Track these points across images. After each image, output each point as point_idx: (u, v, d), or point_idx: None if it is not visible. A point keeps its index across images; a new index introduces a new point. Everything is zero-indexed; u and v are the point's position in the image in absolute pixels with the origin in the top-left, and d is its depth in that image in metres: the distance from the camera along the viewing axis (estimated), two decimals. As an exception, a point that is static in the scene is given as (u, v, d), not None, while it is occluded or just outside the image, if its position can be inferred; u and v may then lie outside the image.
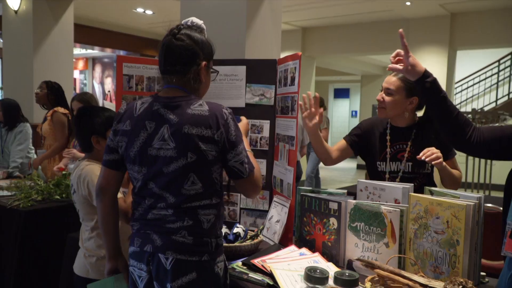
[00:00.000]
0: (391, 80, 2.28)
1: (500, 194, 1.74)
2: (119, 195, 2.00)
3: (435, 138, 2.29)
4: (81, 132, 2.21)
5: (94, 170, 2.09)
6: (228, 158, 1.65)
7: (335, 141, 17.97)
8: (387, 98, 2.29)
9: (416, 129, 2.34)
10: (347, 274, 1.69)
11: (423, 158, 2.08)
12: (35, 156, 4.61)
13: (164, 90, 1.70)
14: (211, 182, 1.65)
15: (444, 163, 2.13)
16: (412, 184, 2.09)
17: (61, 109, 4.30)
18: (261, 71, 2.63)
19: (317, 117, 2.23)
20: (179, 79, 1.67)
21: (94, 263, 2.13)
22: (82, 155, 2.45)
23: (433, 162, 2.09)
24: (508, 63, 10.90)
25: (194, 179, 1.60)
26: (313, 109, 2.23)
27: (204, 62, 1.69)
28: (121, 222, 1.90)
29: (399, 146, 2.35)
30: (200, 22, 1.73)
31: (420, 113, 2.42)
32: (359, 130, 2.48)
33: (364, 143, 2.45)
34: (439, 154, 2.09)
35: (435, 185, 2.27)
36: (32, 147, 4.67)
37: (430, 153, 2.08)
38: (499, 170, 8.32)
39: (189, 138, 1.58)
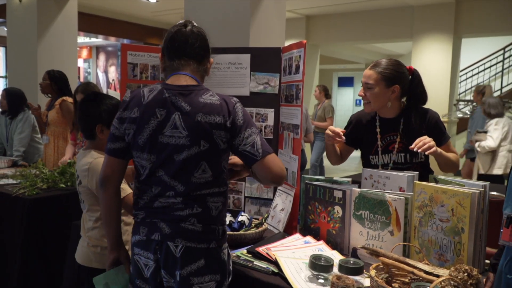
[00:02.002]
0: (368, 74, 2.26)
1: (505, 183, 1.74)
2: (129, 190, 2.00)
3: (420, 124, 2.26)
4: (86, 119, 2.15)
5: (100, 164, 2.02)
6: (237, 143, 1.63)
7: (339, 129, 17.84)
8: (368, 93, 2.26)
9: (404, 118, 2.30)
10: (351, 262, 1.70)
11: (415, 149, 2.05)
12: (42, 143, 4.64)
13: (172, 78, 1.68)
14: (220, 170, 1.66)
15: (439, 149, 2.10)
16: (417, 172, 2.08)
17: (69, 99, 4.32)
18: (266, 59, 2.62)
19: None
20: (196, 64, 1.69)
21: (99, 252, 2.12)
22: None
23: (426, 152, 2.07)
24: (513, 51, 10.84)
25: (205, 167, 1.61)
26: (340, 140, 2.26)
27: (212, 59, 1.76)
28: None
29: (389, 138, 2.32)
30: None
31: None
32: (349, 127, 2.48)
33: (357, 138, 2.45)
34: (432, 142, 2.06)
35: (431, 173, 2.26)
36: (39, 135, 4.69)
37: (422, 144, 2.05)
38: (503, 159, 8.30)
39: (202, 126, 1.58)
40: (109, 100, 2.16)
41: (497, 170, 5.44)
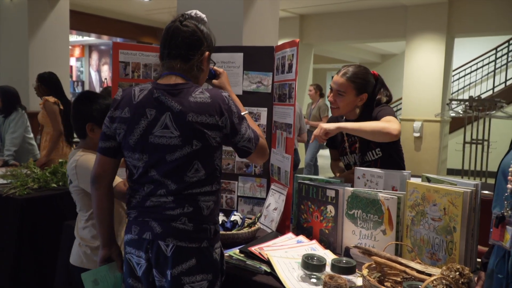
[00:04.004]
0: (340, 81, 2.31)
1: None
2: (119, 179, 1.99)
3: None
4: (77, 117, 2.15)
5: (87, 161, 2.04)
6: (237, 140, 1.68)
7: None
8: (338, 99, 2.33)
9: (361, 120, 2.31)
10: (344, 261, 1.70)
11: (311, 141, 2.22)
12: (34, 144, 4.64)
13: (163, 77, 1.68)
14: (213, 168, 1.66)
15: (341, 125, 2.15)
16: (410, 171, 2.09)
17: (51, 98, 4.27)
18: (259, 58, 2.61)
19: None
20: (182, 64, 1.67)
21: (89, 253, 2.11)
22: None
23: (321, 137, 2.15)
24: (505, 50, 10.85)
25: (198, 167, 1.60)
26: None
27: (207, 52, 1.72)
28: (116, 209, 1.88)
29: (352, 139, 2.40)
30: (203, 15, 1.76)
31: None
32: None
33: (333, 141, 2.54)
34: (323, 127, 2.14)
35: (398, 166, 2.29)
36: (32, 135, 4.67)
37: (316, 133, 2.16)
38: (495, 158, 8.35)
39: (194, 126, 1.58)
40: (102, 100, 2.15)
41: None
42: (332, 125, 2.15)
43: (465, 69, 11.49)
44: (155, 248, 1.60)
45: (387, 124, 2.12)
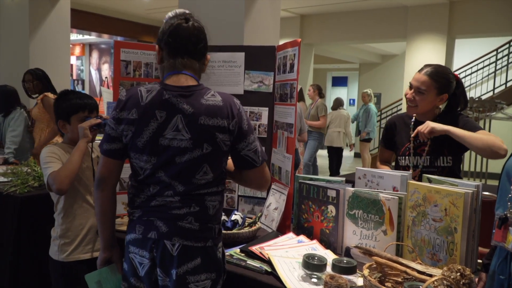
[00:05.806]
0: (422, 79, 2.24)
1: (496, 183, 1.75)
2: (58, 166, 2.12)
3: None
4: (54, 115, 2.30)
5: (44, 152, 2.18)
6: (241, 147, 1.65)
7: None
8: (418, 97, 2.26)
9: (440, 122, 2.23)
10: (345, 261, 1.70)
11: (420, 137, 2.17)
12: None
13: (172, 77, 1.63)
14: (221, 171, 1.66)
15: (448, 128, 2.10)
16: (410, 172, 2.08)
17: (51, 94, 4.37)
18: (260, 58, 2.61)
19: None
20: (194, 64, 1.65)
21: (51, 242, 2.30)
22: None
23: (425, 133, 2.12)
24: (505, 52, 10.84)
25: (206, 170, 1.60)
26: None
27: (208, 56, 1.72)
28: None
29: (420, 141, 2.32)
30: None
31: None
32: (385, 131, 2.55)
33: (392, 141, 2.49)
34: (430, 125, 2.11)
35: (460, 178, 2.22)
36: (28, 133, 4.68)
37: (421, 128, 2.12)
38: (495, 159, 8.37)
39: (206, 130, 1.56)
40: (74, 98, 2.23)
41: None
42: (439, 126, 2.10)
43: (465, 70, 11.48)
44: (160, 248, 1.58)
45: (498, 141, 2.06)
